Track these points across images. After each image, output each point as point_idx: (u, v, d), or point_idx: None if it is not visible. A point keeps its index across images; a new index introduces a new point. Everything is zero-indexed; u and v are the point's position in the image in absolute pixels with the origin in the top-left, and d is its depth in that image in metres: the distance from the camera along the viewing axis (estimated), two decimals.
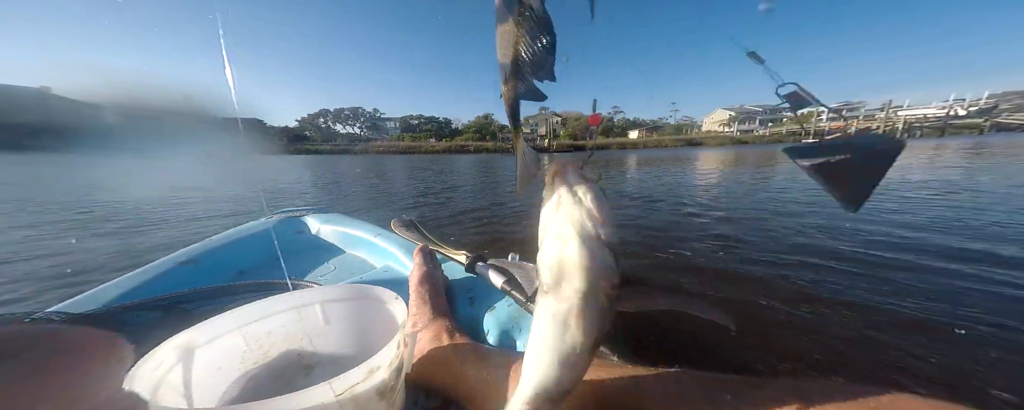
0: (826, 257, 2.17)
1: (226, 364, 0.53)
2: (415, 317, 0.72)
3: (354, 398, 0.40)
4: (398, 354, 0.46)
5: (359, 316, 0.61)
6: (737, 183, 6.32)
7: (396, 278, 1.05)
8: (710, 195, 5.20)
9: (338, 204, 5.26)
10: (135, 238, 3.37)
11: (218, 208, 4.83)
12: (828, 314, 1.50)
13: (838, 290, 1.74)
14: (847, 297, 1.66)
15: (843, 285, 1.80)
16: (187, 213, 4.53)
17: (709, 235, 2.89)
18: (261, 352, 0.56)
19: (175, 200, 5.28)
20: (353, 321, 0.61)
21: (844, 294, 1.69)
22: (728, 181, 6.94)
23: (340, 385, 0.39)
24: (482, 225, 3.56)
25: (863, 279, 1.86)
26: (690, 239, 2.81)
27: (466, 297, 0.90)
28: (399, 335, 0.46)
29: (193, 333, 0.49)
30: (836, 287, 1.78)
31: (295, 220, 1.48)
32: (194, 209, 4.77)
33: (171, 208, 4.79)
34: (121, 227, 3.81)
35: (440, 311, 0.74)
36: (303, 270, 1.17)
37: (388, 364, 0.44)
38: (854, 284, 1.81)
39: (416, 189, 6.61)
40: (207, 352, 0.50)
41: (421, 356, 0.61)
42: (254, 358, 0.56)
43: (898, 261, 2.10)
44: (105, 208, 4.93)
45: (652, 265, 2.25)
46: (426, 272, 0.86)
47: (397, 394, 0.48)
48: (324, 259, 1.25)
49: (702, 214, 3.77)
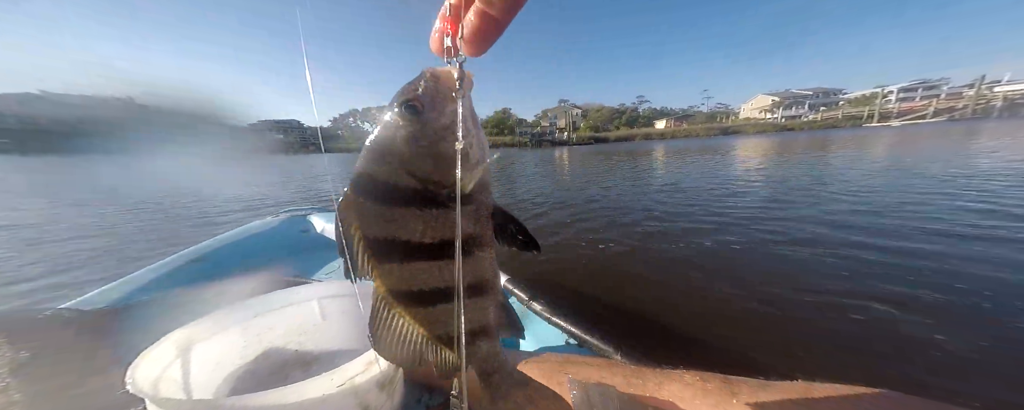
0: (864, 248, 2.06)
1: (225, 358, 0.53)
2: None
3: (354, 389, 0.40)
4: None
5: (356, 311, 0.61)
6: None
7: None
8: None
9: None
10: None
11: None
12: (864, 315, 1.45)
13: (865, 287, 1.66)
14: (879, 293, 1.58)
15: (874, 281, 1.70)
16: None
17: (706, 229, 2.84)
18: (260, 347, 0.56)
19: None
20: (351, 316, 0.61)
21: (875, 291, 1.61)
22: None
23: (340, 377, 0.39)
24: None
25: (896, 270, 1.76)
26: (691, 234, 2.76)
27: None
28: None
29: (193, 328, 0.49)
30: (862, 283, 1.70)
31: (301, 219, 1.49)
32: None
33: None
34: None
35: None
36: (308, 268, 1.18)
37: None
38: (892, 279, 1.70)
39: None
40: (206, 347, 0.51)
41: None
42: (253, 352, 0.56)
43: (923, 251, 1.99)
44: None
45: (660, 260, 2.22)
46: None
47: (396, 386, 0.48)
48: (329, 257, 1.26)
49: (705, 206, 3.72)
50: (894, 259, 1.96)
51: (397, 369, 0.47)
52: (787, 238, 2.46)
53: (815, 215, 3.02)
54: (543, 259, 2.24)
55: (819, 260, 2.06)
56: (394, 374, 0.46)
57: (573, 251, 2.46)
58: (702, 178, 5.78)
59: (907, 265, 1.87)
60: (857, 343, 1.30)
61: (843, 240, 2.30)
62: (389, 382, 0.45)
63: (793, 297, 1.63)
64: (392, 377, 0.46)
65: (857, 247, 2.16)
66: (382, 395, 0.44)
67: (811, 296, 1.64)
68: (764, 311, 1.54)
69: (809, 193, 3.93)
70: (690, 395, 0.37)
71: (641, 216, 3.35)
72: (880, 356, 1.22)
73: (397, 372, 0.47)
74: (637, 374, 0.42)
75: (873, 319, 1.42)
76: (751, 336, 1.38)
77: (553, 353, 0.53)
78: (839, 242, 2.27)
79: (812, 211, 3.15)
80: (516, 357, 0.52)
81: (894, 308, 1.48)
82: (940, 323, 1.35)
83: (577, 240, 2.70)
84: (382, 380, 0.43)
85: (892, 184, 4.09)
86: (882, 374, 1.16)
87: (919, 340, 1.27)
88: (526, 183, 6.48)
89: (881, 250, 2.08)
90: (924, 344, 1.25)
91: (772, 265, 2.06)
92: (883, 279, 1.74)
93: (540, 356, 0.50)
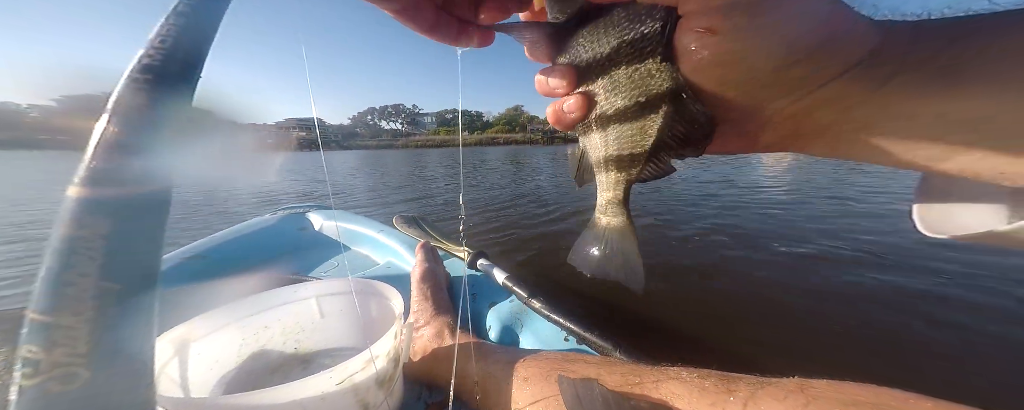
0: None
1: (223, 356, 0.53)
2: (417, 313, 0.71)
3: (354, 387, 0.40)
4: (395, 344, 0.46)
5: (355, 310, 0.61)
6: None
7: (398, 274, 1.05)
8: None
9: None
10: None
11: None
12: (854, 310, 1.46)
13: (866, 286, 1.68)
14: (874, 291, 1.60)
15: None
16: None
17: (709, 226, 2.86)
18: (258, 345, 0.56)
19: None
20: (349, 315, 0.61)
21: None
22: None
23: (339, 374, 0.39)
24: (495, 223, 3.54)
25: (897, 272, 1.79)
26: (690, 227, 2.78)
27: (468, 293, 0.89)
28: (396, 326, 0.45)
29: (190, 326, 0.49)
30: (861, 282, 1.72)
31: (299, 216, 1.48)
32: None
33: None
34: None
35: (442, 307, 0.73)
36: (306, 266, 1.17)
37: (385, 354, 0.43)
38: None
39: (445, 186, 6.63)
40: (204, 345, 0.50)
41: (423, 353, 0.60)
42: (251, 350, 0.55)
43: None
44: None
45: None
46: (428, 268, 0.85)
47: (395, 384, 0.48)
48: (327, 255, 1.25)
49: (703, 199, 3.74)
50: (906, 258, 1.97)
51: (397, 367, 0.47)
52: (790, 237, 2.47)
53: (817, 214, 3.04)
54: (543, 259, 2.24)
55: (820, 258, 2.07)
56: (393, 372, 0.46)
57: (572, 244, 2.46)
58: (716, 175, 5.75)
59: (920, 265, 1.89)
60: (858, 341, 1.31)
61: (845, 240, 2.32)
62: (388, 380, 0.45)
63: (792, 295, 1.64)
64: (391, 375, 0.46)
65: (858, 247, 2.18)
66: (381, 393, 0.44)
67: (811, 293, 1.65)
68: (764, 308, 1.55)
69: (824, 192, 3.94)
70: (687, 393, 0.38)
71: (643, 214, 3.36)
72: (879, 354, 1.23)
73: (396, 370, 0.47)
74: (635, 372, 0.43)
75: (874, 318, 1.43)
76: (750, 333, 1.39)
77: (552, 351, 0.53)
78: (842, 240, 2.29)
79: (816, 211, 3.17)
80: (515, 355, 0.52)
81: (894, 307, 1.49)
82: (950, 322, 1.36)
83: (577, 229, 2.70)
84: (381, 378, 0.43)
85: None
86: (881, 371, 1.17)
87: (919, 341, 1.28)
88: (531, 177, 6.49)
89: (891, 248, 2.10)
90: (924, 344, 1.26)
91: (772, 263, 2.07)
92: (884, 274, 1.75)
93: (539, 354, 0.50)
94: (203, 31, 0.20)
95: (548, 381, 0.44)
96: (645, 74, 0.20)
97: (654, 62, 0.20)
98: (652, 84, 0.20)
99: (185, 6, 0.19)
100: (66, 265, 0.14)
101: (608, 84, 0.22)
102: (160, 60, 0.17)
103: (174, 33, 0.18)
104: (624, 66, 0.21)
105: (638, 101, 0.21)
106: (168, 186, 0.18)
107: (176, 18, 0.19)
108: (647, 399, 0.39)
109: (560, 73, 0.23)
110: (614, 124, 0.23)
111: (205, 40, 0.20)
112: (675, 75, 0.20)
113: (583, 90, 0.23)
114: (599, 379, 0.42)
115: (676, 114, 0.21)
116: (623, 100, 0.22)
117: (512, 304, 0.79)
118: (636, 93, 0.21)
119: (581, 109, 0.23)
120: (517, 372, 0.47)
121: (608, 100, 0.22)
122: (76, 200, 0.14)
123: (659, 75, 0.20)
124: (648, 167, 0.24)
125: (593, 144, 0.25)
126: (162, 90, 0.17)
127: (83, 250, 0.14)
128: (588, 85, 0.23)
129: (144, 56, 0.17)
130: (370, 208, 4.52)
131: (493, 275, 0.87)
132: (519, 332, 0.72)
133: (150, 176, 0.16)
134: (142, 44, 0.17)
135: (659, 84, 0.20)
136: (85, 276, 0.14)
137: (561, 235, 2.89)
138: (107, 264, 0.14)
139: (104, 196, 0.15)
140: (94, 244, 0.14)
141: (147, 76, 0.17)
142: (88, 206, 0.14)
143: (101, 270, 0.14)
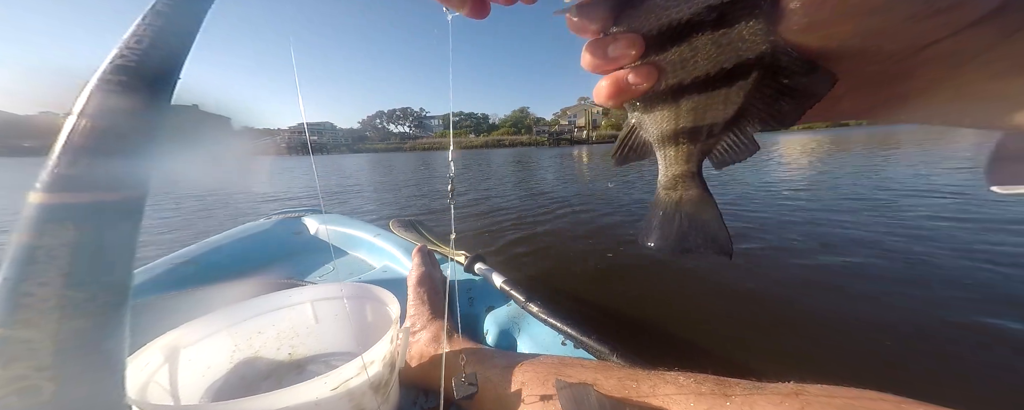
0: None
1: (216, 362, 0.52)
2: (413, 318, 0.70)
3: (349, 392, 0.39)
4: (391, 349, 0.45)
5: (350, 314, 0.60)
6: None
7: (395, 278, 1.04)
8: None
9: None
10: None
11: None
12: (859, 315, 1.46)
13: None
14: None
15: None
16: None
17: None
18: (252, 350, 0.55)
19: None
20: (344, 319, 0.60)
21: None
22: None
23: (334, 380, 0.38)
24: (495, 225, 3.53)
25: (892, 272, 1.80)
26: None
27: (466, 297, 0.88)
28: (392, 330, 0.45)
29: (182, 332, 0.48)
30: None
31: (294, 221, 1.48)
32: None
33: None
34: None
35: (439, 312, 0.72)
36: (301, 271, 1.16)
37: (381, 359, 0.43)
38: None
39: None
40: (196, 351, 0.50)
41: (420, 357, 0.59)
42: (244, 356, 0.55)
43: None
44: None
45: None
46: (424, 272, 0.85)
47: (391, 389, 0.47)
48: (322, 260, 1.24)
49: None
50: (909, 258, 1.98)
51: (392, 372, 0.47)
52: (788, 242, 2.47)
53: (816, 219, 3.04)
54: (542, 257, 2.23)
55: (819, 265, 2.07)
56: (389, 377, 0.46)
57: (572, 247, 2.46)
58: (710, 177, 5.74)
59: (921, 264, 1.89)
60: (856, 345, 1.30)
61: (841, 246, 2.32)
62: (384, 385, 0.44)
63: (789, 300, 1.64)
64: (387, 380, 0.45)
65: (855, 252, 2.18)
66: (377, 398, 0.43)
67: (808, 298, 1.64)
68: (761, 313, 1.55)
69: (824, 195, 3.95)
70: (684, 397, 0.38)
71: (640, 218, 3.36)
72: (879, 359, 1.23)
73: (392, 375, 0.47)
74: (632, 376, 0.43)
75: (873, 321, 1.43)
76: (747, 337, 1.38)
77: (549, 355, 0.53)
78: (838, 246, 2.29)
79: (816, 216, 3.17)
80: (512, 359, 0.51)
81: (894, 309, 1.49)
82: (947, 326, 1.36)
83: (575, 230, 2.70)
84: (377, 383, 0.42)
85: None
86: (880, 377, 1.16)
87: (920, 341, 1.28)
88: (533, 178, 6.49)
89: (890, 251, 2.10)
90: (924, 344, 1.26)
91: (770, 268, 2.07)
92: (879, 280, 1.75)
93: (536, 358, 0.50)
94: (183, 32, 0.19)
95: (545, 385, 0.44)
96: (735, 38, 0.17)
97: (747, 24, 0.17)
98: (744, 48, 0.18)
99: (164, 5, 0.19)
100: (24, 275, 0.13)
101: (687, 51, 0.19)
102: (135, 61, 0.16)
103: (152, 33, 0.18)
104: (710, 31, 0.18)
105: (723, 67, 0.18)
106: (142, 192, 0.17)
107: (154, 17, 0.18)
108: (643, 404, 0.39)
109: (626, 41, 0.20)
110: (689, 95, 0.20)
111: (185, 41, 0.19)
112: (772, 38, 0.17)
113: (653, 59, 0.20)
114: (596, 384, 0.42)
115: (770, 80, 0.18)
116: (705, 68, 0.19)
117: (510, 308, 0.78)
118: (723, 59, 0.18)
119: (649, 79, 0.20)
120: (514, 376, 0.47)
121: (685, 69, 0.19)
122: (37, 206, 0.14)
123: (752, 39, 0.17)
124: (726, 140, 0.21)
125: (657, 118, 0.22)
126: (136, 92, 0.16)
127: (44, 259, 0.13)
128: (659, 53, 0.20)
129: (118, 57, 0.16)
130: (377, 210, 4.51)
131: (491, 279, 0.86)
132: (517, 336, 0.71)
133: (120, 181, 0.15)
134: (116, 44, 0.17)
135: (753, 48, 0.17)
136: (45, 286, 0.13)
137: (568, 237, 2.90)
138: (73, 273, 0.14)
139: (68, 202, 0.14)
140: (57, 252, 0.13)
141: (120, 77, 0.16)
142: (51, 213, 0.14)
143: (65, 279, 0.13)
